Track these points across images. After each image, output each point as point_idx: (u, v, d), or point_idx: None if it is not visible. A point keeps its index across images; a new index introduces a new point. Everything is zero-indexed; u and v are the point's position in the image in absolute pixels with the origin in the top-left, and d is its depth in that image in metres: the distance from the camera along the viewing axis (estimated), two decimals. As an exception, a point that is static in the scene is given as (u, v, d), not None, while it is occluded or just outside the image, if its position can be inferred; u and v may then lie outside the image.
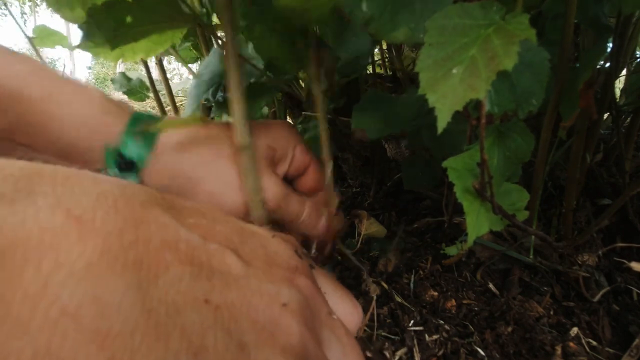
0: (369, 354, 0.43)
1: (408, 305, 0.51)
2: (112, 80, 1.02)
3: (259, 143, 0.39)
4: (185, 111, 0.63)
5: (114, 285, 0.13)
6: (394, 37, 0.34)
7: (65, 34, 1.05)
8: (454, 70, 0.24)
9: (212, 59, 0.63)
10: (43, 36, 0.86)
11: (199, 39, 0.75)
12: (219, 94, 0.58)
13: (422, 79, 0.25)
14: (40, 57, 1.14)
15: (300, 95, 0.63)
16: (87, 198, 0.15)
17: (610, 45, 0.50)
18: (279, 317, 0.18)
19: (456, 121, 0.24)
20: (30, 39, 0.88)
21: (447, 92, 0.23)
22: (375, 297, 0.51)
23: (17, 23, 0.91)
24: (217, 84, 0.60)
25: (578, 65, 0.40)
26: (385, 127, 0.53)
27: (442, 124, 0.23)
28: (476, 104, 0.30)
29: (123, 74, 1.02)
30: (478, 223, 0.35)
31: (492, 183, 0.34)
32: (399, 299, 0.52)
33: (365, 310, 0.51)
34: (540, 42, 0.37)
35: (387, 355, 0.44)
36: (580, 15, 0.40)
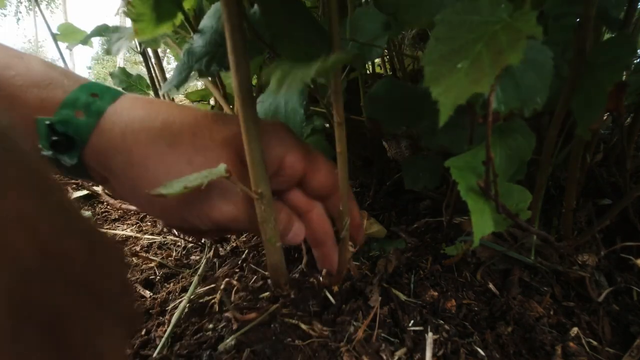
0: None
1: (408, 304, 0.51)
2: (111, 74, 1.01)
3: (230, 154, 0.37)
4: (169, 81, 0.52)
5: None
6: (419, 23, 0.36)
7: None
8: (460, 65, 0.24)
9: (210, 19, 0.53)
10: (67, 33, 0.88)
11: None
12: (214, 66, 0.48)
13: (426, 73, 0.25)
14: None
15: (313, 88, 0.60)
16: None
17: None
18: None
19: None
20: (53, 35, 0.89)
21: (451, 85, 0.23)
22: (379, 300, 0.51)
23: (46, 22, 0.92)
24: (212, 53, 0.49)
25: (593, 64, 0.39)
26: (403, 118, 0.51)
27: (444, 117, 0.23)
28: (483, 103, 0.30)
29: (122, 69, 1.01)
30: (483, 222, 0.35)
31: (496, 182, 0.34)
32: (401, 298, 0.52)
33: (366, 312, 0.50)
34: (543, 42, 0.36)
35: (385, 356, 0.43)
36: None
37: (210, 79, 0.78)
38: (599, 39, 0.48)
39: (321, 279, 0.58)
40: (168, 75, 0.95)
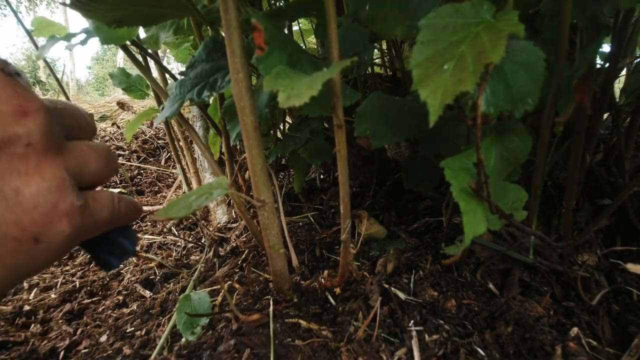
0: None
1: (408, 304, 0.51)
2: (110, 74, 1.01)
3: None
4: (163, 112, 0.57)
5: None
6: (394, 34, 0.37)
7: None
8: (445, 66, 0.24)
9: (200, 54, 0.58)
10: (42, 27, 0.86)
11: (197, 38, 0.74)
12: (205, 93, 0.54)
13: (414, 76, 0.26)
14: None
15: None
16: None
17: (610, 45, 0.50)
18: None
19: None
20: (29, 32, 0.88)
21: (438, 87, 0.24)
22: (379, 300, 0.51)
23: (17, 17, 0.91)
24: (204, 82, 0.55)
25: (575, 62, 0.40)
26: (392, 134, 0.51)
27: (433, 117, 0.23)
28: (473, 105, 0.30)
29: (122, 70, 1.01)
30: (475, 223, 0.35)
31: (488, 183, 0.34)
32: (401, 298, 0.52)
33: (366, 311, 0.50)
34: (538, 40, 0.37)
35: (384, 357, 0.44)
36: (578, 14, 0.41)
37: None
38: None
39: (323, 281, 0.58)
40: (167, 75, 0.95)
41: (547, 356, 0.43)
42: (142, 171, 1.73)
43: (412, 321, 0.48)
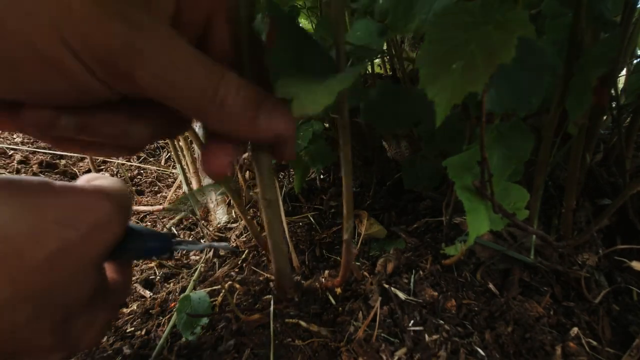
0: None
1: (408, 304, 0.51)
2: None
3: None
4: None
5: None
6: (408, 29, 0.36)
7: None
8: (454, 66, 0.24)
9: None
10: None
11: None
12: None
13: (422, 74, 0.26)
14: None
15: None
16: None
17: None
18: None
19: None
20: None
21: (446, 86, 0.24)
22: (379, 300, 0.51)
23: None
24: None
25: (584, 62, 0.40)
26: (398, 122, 0.52)
27: (440, 117, 0.23)
28: (477, 103, 0.30)
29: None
30: (478, 222, 0.35)
31: (492, 181, 0.34)
32: (401, 298, 0.52)
33: (366, 311, 0.50)
34: (540, 41, 0.37)
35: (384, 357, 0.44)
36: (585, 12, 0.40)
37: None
38: (597, 40, 0.49)
39: (323, 281, 0.58)
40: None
41: (547, 356, 0.43)
42: (142, 171, 1.73)
43: (412, 321, 0.48)
